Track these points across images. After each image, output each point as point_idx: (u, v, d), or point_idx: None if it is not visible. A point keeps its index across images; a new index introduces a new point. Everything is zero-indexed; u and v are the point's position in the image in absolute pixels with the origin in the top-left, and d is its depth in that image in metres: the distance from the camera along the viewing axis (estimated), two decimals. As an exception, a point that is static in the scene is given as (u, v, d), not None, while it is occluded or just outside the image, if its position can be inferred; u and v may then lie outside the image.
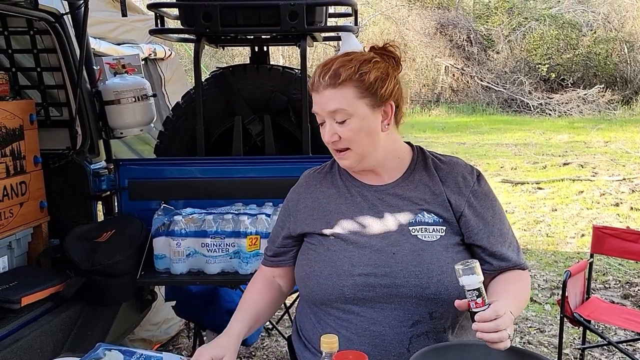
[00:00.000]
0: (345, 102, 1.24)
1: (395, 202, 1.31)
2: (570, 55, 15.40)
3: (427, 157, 1.37)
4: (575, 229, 5.32)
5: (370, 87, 1.25)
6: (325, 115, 1.26)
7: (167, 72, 3.64)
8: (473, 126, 12.46)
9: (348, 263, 1.26)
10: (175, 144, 2.40)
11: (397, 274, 1.23)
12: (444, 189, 1.31)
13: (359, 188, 1.34)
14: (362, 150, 1.27)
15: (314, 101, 1.28)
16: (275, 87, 2.33)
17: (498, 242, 1.30)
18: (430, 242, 1.26)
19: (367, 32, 15.87)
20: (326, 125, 1.27)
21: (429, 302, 1.23)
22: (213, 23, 2.14)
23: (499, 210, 1.35)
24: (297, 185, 1.44)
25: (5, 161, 2.07)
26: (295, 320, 1.47)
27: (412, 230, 1.27)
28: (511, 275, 1.30)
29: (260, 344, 3.17)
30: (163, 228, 2.06)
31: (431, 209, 1.29)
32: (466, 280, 1.10)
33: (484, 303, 1.10)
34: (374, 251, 1.26)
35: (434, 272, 1.23)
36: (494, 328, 1.06)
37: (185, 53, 8.59)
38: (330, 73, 1.24)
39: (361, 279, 1.24)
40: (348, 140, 1.26)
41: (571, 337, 3.19)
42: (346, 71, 1.24)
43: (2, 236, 2.06)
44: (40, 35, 2.29)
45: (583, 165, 8.09)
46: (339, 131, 1.25)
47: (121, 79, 2.37)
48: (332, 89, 1.24)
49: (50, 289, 2.01)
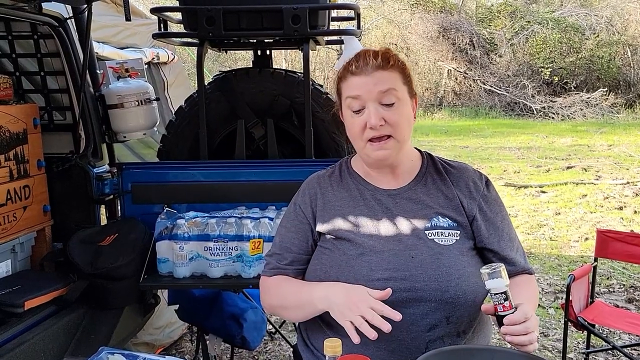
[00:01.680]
0: (396, 84, 1.26)
1: (409, 206, 1.31)
2: (573, 59, 15.40)
3: (436, 162, 1.38)
4: (578, 233, 5.30)
5: (408, 78, 1.30)
6: (373, 98, 1.24)
7: (170, 76, 3.65)
8: (476, 130, 12.45)
9: (366, 268, 1.24)
10: (178, 147, 2.40)
11: (417, 277, 1.22)
12: (456, 193, 1.32)
13: (372, 192, 1.33)
14: (402, 138, 1.27)
15: (356, 84, 1.26)
16: (278, 91, 2.33)
17: (507, 246, 1.31)
18: (447, 246, 1.26)
19: (369, 36, 15.90)
20: (368, 110, 1.24)
21: (447, 305, 1.23)
22: (216, 27, 2.14)
23: (506, 216, 1.37)
24: (306, 189, 1.40)
25: (8, 165, 2.08)
26: (299, 328, 1.45)
27: (429, 234, 1.27)
28: (520, 280, 1.31)
29: (264, 348, 3.16)
30: (166, 232, 2.06)
31: (445, 212, 1.30)
32: (493, 284, 1.10)
33: (512, 306, 1.10)
34: (392, 255, 1.25)
35: (453, 276, 1.23)
36: (523, 331, 1.07)
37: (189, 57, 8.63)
38: (380, 56, 1.26)
39: (380, 284, 1.22)
40: (394, 124, 1.24)
41: (575, 342, 3.17)
42: (393, 57, 1.27)
43: (6, 240, 2.06)
44: (44, 39, 2.30)
45: (586, 168, 8.07)
46: (385, 115, 1.24)
47: (124, 83, 2.37)
48: (383, 71, 1.25)
49: (54, 292, 2.01)
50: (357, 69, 1.27)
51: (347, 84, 1.28)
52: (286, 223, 1.40)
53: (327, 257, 1.30)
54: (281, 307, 1.37)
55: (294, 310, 1.34)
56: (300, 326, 1.44)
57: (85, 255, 2.08)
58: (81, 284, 2.05)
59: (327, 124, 2.33)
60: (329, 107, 2.33)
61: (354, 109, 1.27)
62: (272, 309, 1.42)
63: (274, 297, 1.36)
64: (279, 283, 1.36)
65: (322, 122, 2.32)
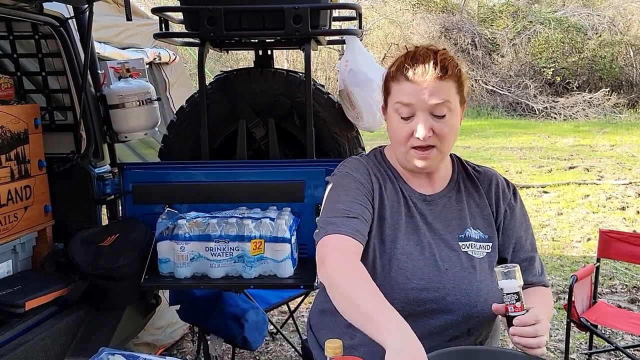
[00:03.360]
0: (450, 96, 1.19)
1: (443, 214, 1.28)
2: (575, 59, 15.36)
3: (466, 167, 1.35)
4: (581, 233, 5.29)
5: (462, 85, 1.22)
6: (425, 108, 1.17)
7: (172, 76, 3.65)
8: (478, 130, 12.43)
9: (402, 276, 1.21)
10: (180, 147, 2.40)
11: (449, 291, 1.20)
12: (487, 202, 1.30)
13: (409, 193, 1.29)
14: (446, 149, 1.22)
15: (409, 91, 1.18)
16: (280, 91, 2.33)
17: (528, 257, 1.30)
18: (479, 260, 1.24)
19: (371, 36, 15.88)
20: (417, 119, 1.18)
21: (472, 319, 1.22)
22: (217, 27, 2.14)
23: (529, 226, 1.35)
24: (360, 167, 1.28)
25: (10, 165, 2.07)
26: (309, 324, 1.43)
27: (462, 246, 1.25)
28: (536, 290, 1.29)
29: (265, 349, 3.16)
30: (167, 232, 2.06)
31: (477, 223, 1.28)
32: (506, 283, 1.09)
33: (523, 307, 1.09)
34: (426, 265, 1.22)
35: (482, 291, 1.21)
36: (533, 333, 1.05)
37: (190, 57, 8.63)
38: (439, 64, 1.17)
39: (414, 294, 1.20)
40: (442, 136, 1.19)
41: (578, 342, 3.16)
42: (451, 64, 1.19)
43: (7, 240, 2.06)
44: (45, 39, 2.30)
45: (589, 169, 8.05)
46: (434, 126, 1.18)
47: (125, 83, 2.37)
48: (439, 81, 1.17)
49: (55, 293, 2.01)
50: (413, 75, 1.18)
51: (400, 88, 1.20)
52: (345, 191, 1.23)
53: (364, 254, 1.22)
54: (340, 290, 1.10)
55: (348, 306, 1.08)
56: (312, 323, 1.42)
57: (86, 256, 2.08)
58: (82, 284, 2.04)
59: (329, 124, 2.33)
60: (330, 107, 2.34)
61: (403, 116, 1.21)
62: (329, 281, 1.13)
63: (344, 275, 1.11)
64: (356, 266, 1.12)
65: (323, 122, 2.32)
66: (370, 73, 2.16)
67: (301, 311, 3.50)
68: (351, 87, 2.20)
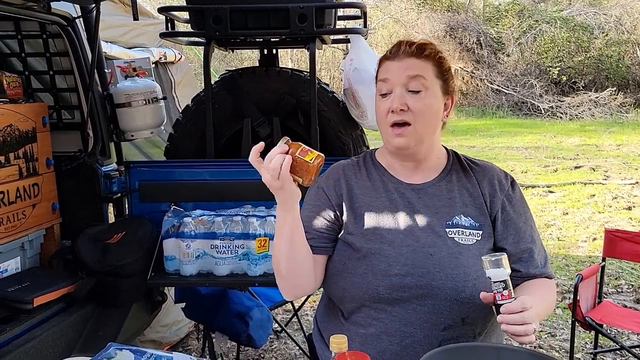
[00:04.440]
0: (426, 73, 1.26)
1: (432, 202, 1.30)
2: (581, 58, 15.29)
3: (461, 159, 1.37)
4: (586, 233, 5.27)
5: (444, 73, 1.29)
6: (401, 82, 1.25)
7: (178, 75, 3.67)
8: (483, 129, 12.40)
9: (384, 262, 1.23)
10: (185, 146, 2.42)
11: (434, 275, 1.22)
12: (481, 191, 1.31)
13: (396, 185, 1.32)
14: (422, 130, 1.26)
15: (388, 68, 1.28)
16: (284, 90, 2.34)
17: (528, 248, 1.30)
18: (467, 246, 1.25)
19: (376, 35, 15.87)
20: (394, 94, 1.25)
21: (462, 306, 1.22)
22: (223, 26, 2.15)
23: (530, 217, 1.35)
24: (330, 174, 1.37)
25: (18, 163, 2.10)
26: (315, 319, 1.45)
27: (449, 232, 1.26)
28: (537, 282, 1.29)
29: (269, 347, 3.17)
30: (173, 230, 2.07)
31: (468, 212, 1.29)
32: (493, 272, 1.10)
33: (510, 296, 1.09)
34: (410, 251, 1.24)
35: (470, 276, 1.22)
36: (520, 320, 1.06)
37: (195, 57, 8.65)
38: (415, 44, 1.27)
39: (397, 279, 1.22)
40: (415, 113, 1.24)
41: (583, 342, 3.16)
42: (430, 48, 1.28)
43: (15, 237, 2.09)
44: (53, 38, 2.32)
45: (595, 168, 8.02)
46: (409, 101, 1.24)
47: (132, 82, 2.39)
48: (416, 59, 1.26)
49: (62, 289, 2.03)
50: (391, 54, 1.29)
51: (381, 68, 1.31)
52: (306, 205, 1.35)
53: (346, 248, 1.29)
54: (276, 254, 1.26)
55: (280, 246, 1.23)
56: (317, 318, 1.44)
57: (93, 253, 2.10)
58: (89, 281, 2.07)
59: (333, 123, 2.34)
60: (335, 106, 2.35)
61: (382, 92, 1.28)
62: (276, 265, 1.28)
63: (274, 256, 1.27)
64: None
65: (328, 121, 2.33)
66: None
67: (305, 310, 3.51)
68: (356, 86, 2.21)
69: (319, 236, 1.30)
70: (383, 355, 1.23)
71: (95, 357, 1.24)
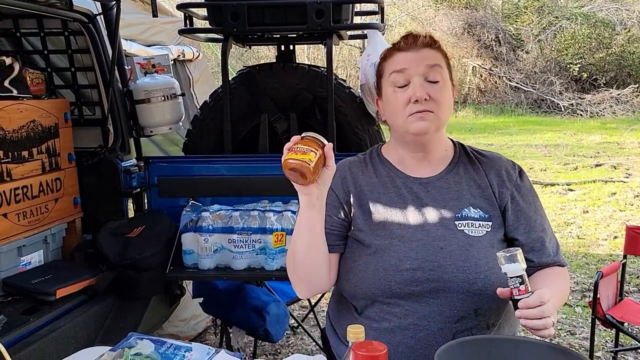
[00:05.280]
0: (441, 63, 1.28)
1: (440, 195, 1.30)
2: (603, 55, 15.02)
3: (468, 151, 1.37)
4: (607, 231, 5.19)
5: (449, 64, 1.32)
6: (420, 72, 1.25)
7: (196, 73, 3.70)
8: (501, 127, 12.27)
9: (395, 257, 1.24)
10: (203, 142, 2.44)
11: (445, 268, 1.22)
12: (489, 182, 1.31)
13: (403, 179, 1.32)
14: (443, 117, 1.27)
15: (403, 59, 1.27)
16: (301, 85, 2.35)
17: (539, 237, 1.29)
18: (477, 238, 1.25)
19: (392, 33, 15.78)
20: (414, 84, 1.25)
21: (475, 297, 1.22)
22: (240, 22, 2.17)
23: (540, 206, 1.35)
24: (337, 172, 1.33)
25: (41, 158, 2.14)
26: (328, 313, 1.46)
27: (459, 225, 1.26)
28: (550, 271, 1.29)
29: (286, 342, 3.18)
30: (191, 224, 2.10)
31: (477, 203, 1.29)
32: (509, 267, 1.09)
33: (527, 290, 1.09)
34: (420, 245, 1.24)
35: (482, 268, 1.22)
36: (538, 315, 1.05)
37: (212, 55, 8.71)
38: (427, 36, 1.30)
39: (409, 274, 1.22)
40: (437, 101, 1.25)
41: (603, 340, 3.11)
42: (438, 41, 1.31)
43: (38, 231, 2.13)
44: (74, 36, 2.36)
45: (616, 166, 7.88)
46: (430, 91, 1.25)
47: (151, 79, 2.42)
48: (430, 49, 1.28)
49: (84, 282, 2.07)
50: (405, 45, 1.29)
51: (392, 60, 1.30)
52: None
53: (357, 245, 1.29)
54: (292, 256, 1.28)
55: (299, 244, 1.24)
56: (329, 313, 1.45)
57: (113, 247, 2.14)
58: (110, 274, 2.10)
59: (350, 119, 2.34)
60: (352, 102, 2.35)
61: (399, 84, 1.27)
62: (289, 254, 1.30)
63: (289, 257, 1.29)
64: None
65: (344, 117, 2.33)
66: (392, 67, 2.16)
67: (322, 306, 3.52)
68: (373, 81, 2.20)
69: (330, 234, 1.30)
70: (397, 348, 1.23)
71: (117, 346, 1.27)
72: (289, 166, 1.14)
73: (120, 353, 1.21)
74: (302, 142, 1.15)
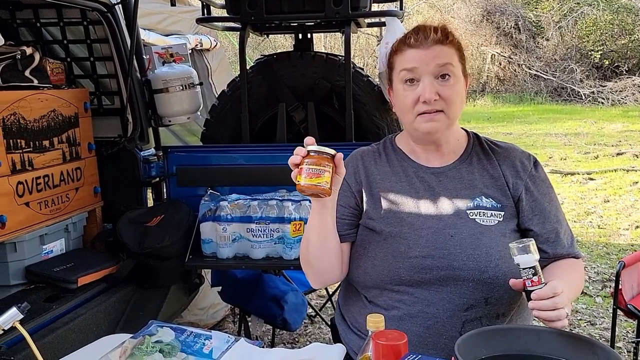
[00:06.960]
0: (453, 60, 1.25)
1: (453, 184, 1.29)
2: (625, 41, 14.67)
3: (482, 141, 1.36)
4: (629, 221, 5.10)
5: (463, 56, 1.28)
6: (429, 71, 1.23)
7: (213, 62, 3.70)
8: (520, 116, 12.09)
9: (404, 245, 1.24)
10: (221, 131, 2.44)
11: (455, 256, 1.21)
12: (502, 172, 1.30)
13: (416, 169, 1.32)
14: (453, 115, 1.26)
15: (413, 57, 1.24)
16: (319, 74, 2.33)
17: (554, 228, 1.28)
18: (489, 227, 1.24)
19: (410, 21, 15.58)
20: (423, 83, 1.23)
21: (485, 286, 1.21)
22: (258, 10, 2.16)
23: (555, 197, 1.33)
24: (349, 162, 1.37)
25: (61, 147, 2.16)
26: (338, 302, 1.47)
27: (470, 213, 1.25)
28: (565, 262, 1.28)
29: (304, 331, 3.20)
30: (210, 213, 2.11)
31: (490, 193, 1.28)
32: (521, 258, 1.08)
33: (540, 281, 1.08)
34: (430, 232, 1.24)
35: (493, 257, 1.21)
36: (551, 306, 1.04)
37: (230, 44, 8.70)
38: (439, 31, 1.25)
39: (418, 261, 1.22)
40: (447, 99, 1.23)
41: (624, 331, 3.07)
42: (451, 33, 1.26)
43: (60, 219, 2.16)
44: (93, 25, 2.37)
45: (638, 155, 7.72)
46: (439, 90, 1.23)
47: (169, 68, 2.42)
48: (442, 45, 1.24)
49: (104, 270, 2.10)
50: (415, 42, 1.25)
51: (403, 57, 1.26)
52: None
53: (367, 233, 1.30)
54: (303, 246, 1.30)
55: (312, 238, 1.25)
56: (339, 302, 1.45)
57: (133, 235, 2.16)
58: (130, 262, 2.12)
59: (368, 107, 2.32)
60: (370, 90, 2.33)
61: (409, 82, 1.26)
62: (302, 247, 1.32)
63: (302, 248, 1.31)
64: None
65: (362, 106, 2.31)
66: (411, 54, 2.14)
67: (339, 295, 3.52)
68: (391, 70, 2.18)
69: (341, 224, 1.31)
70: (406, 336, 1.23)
71: (138, 333, 1.28)
72: (305, 192, 1.13)
73: (141, 340, 1.23)
74: (313, 162, 1.11)
